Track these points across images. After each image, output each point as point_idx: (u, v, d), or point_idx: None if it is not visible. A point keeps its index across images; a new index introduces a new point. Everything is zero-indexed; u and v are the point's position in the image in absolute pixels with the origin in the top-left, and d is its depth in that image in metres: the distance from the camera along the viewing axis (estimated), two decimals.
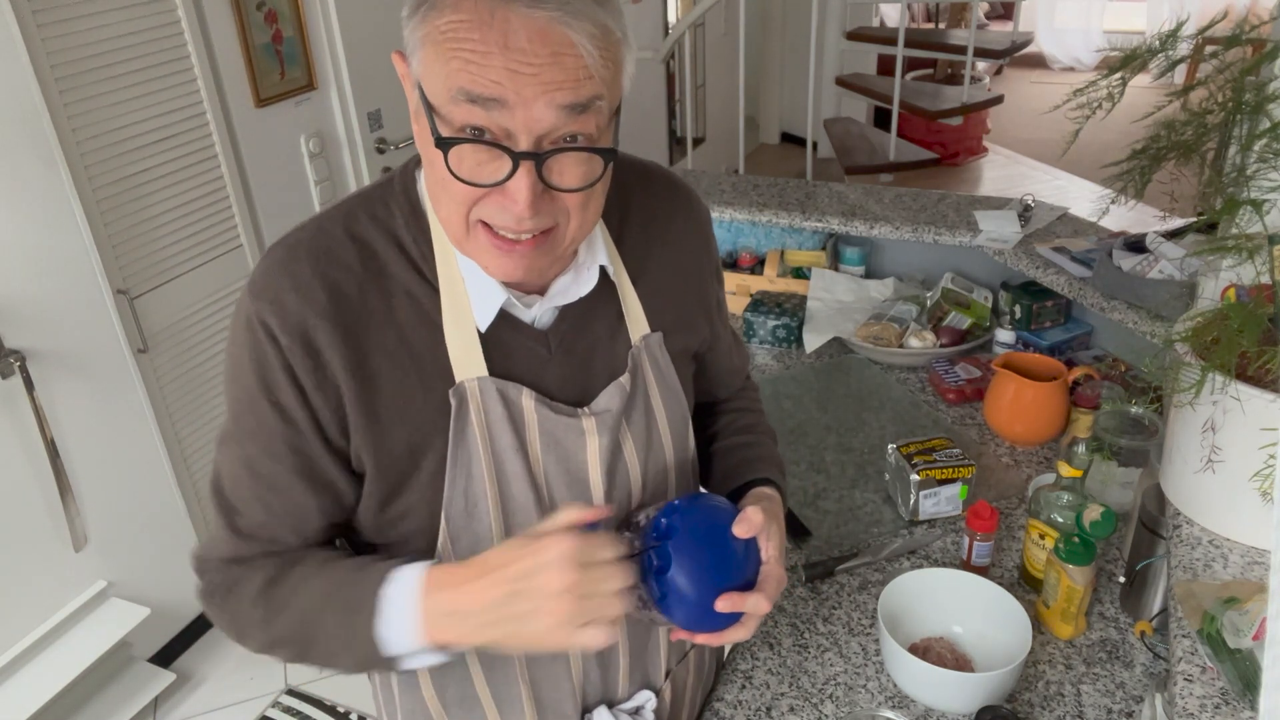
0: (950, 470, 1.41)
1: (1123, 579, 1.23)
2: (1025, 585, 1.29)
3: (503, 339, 0.82)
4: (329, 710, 2.32)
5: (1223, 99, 1.00)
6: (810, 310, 2.03)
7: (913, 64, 5.58)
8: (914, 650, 1.14)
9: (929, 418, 1.73)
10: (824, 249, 2.19)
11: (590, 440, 0.85)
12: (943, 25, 6.60)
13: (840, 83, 5.20)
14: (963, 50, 4.41)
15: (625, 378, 0.87)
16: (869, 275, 2.16)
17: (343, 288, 0.77)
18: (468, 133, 0.68)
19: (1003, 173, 5.42)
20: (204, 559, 0.85)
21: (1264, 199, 0.99)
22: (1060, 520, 1.23)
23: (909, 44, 4.29)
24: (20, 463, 1.99)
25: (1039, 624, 1.22)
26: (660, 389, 0.92)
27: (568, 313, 0.85)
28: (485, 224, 0.73)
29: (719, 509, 0.85)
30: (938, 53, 5.02)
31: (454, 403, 0.79)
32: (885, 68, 5.30)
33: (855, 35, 5.20)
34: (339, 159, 2.78)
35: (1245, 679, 0.89)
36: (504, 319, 0.81)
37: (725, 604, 0.80)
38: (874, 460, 1.61)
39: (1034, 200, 2.07)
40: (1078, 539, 1.15)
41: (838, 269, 2.18)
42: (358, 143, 2.78)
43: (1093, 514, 1.17)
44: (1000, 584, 1.18)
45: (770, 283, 2.15)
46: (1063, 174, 5.24)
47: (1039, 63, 8.11)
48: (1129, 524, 1.27)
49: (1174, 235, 1.63)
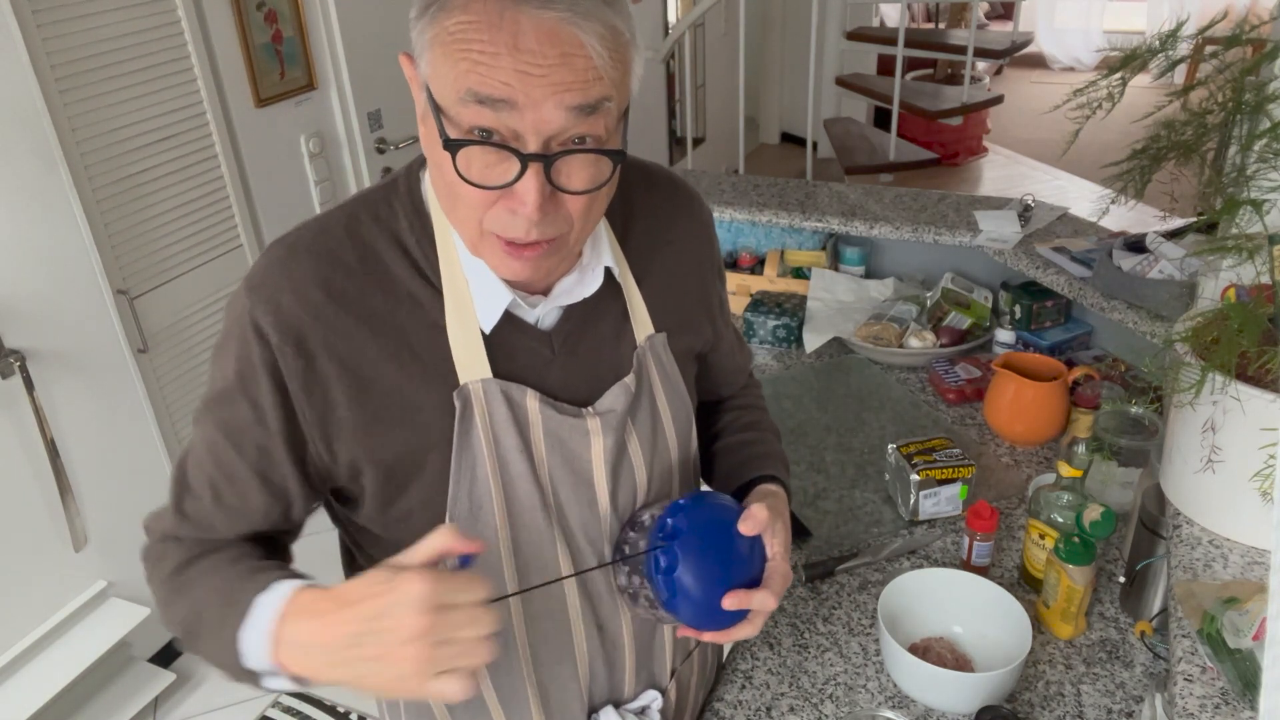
0: (950, 470, 1.41)
1: (1123, 579, 1.23)
2: (1025, 585, 1.29)
3: (506, 340, 0.81)
4: (329, 710, 2.31)
5: (1223, 99, 1.00)
6: (810, 310, 2.03)
7: (913, 64, 5.58)
8: (914, 650, 1.14)
9: (929, 418, 1.73)
10: (824, 249, 2.19)
11: (595, 441, 0.85)
12: (943, 25, 6.60)
13: (840, 83, 5.20)
14: (963, 50, 4.41)
15: (630, 378, 0.87)
16: (869, 275, 2.16)
17: (342, 289, 0.77)
18: (476, 134, 0.67)
19: (1003, 173, 5.42)
20: (149, 527, 0.87)
21: (1264, 199, 0.99)
22: (1060, 520, 1.23)
23: (909, 44, 4.29)
24: (20, 463, 1.99)
25: (1039, 624, 1.22)
26: (665, 389, 0.92)
27: (572, 313, 0.85)
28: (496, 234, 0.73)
29: (724, 507, 0.85)
30: (938, 53, 5.03)
31: (458, 405, 0.79)
32: (885, 68, 5.31)
33: (855, 35, 5.21)
34: (339, 159, 2.78)
35: (1245, 679, 0.89)
36: (507, 320, 0.81)
37: (732, 601, 0.80)
38: (874, 460, 1.61)
39: (1034, 200, 2.07)
40: (1078, 539, 1.15)
41: (838, 269, 2.18)
42: (358, 143, 2.78)
43: (1093, 514, 1.17)
44: (1000, 584, 1.18)
45: (770, 283, 2.15)
46: (1063, 174, 5.24)
47: (1039, 63, 8.11)
48: (1129, 524, 1.27)
49: (1174, 235, 1.63)
